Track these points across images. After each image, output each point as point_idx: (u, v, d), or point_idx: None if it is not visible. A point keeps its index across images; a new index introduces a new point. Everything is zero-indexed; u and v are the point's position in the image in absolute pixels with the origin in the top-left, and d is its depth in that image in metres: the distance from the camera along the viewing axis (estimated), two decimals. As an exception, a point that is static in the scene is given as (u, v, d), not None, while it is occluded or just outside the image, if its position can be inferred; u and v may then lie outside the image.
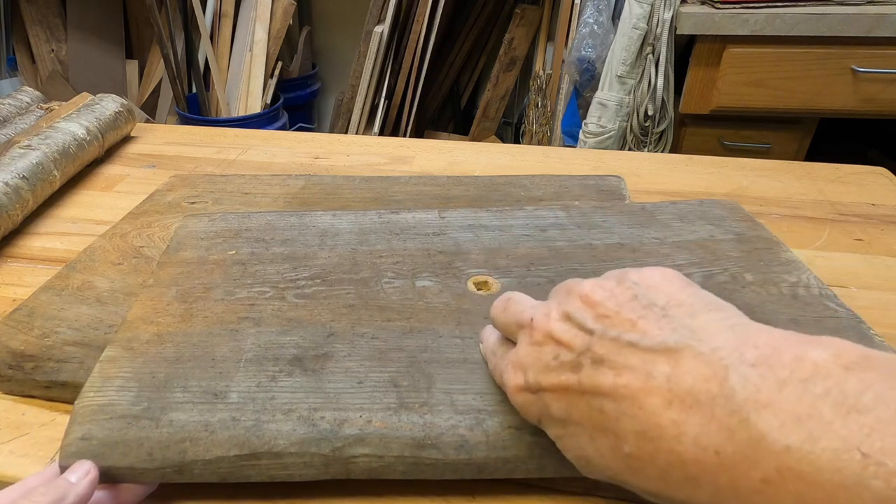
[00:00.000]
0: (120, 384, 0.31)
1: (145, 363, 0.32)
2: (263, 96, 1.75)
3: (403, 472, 0.29)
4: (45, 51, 1.96)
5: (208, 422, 0.29)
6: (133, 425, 0.29)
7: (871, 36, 1.12)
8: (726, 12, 1.15)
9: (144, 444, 0.28)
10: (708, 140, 1.31)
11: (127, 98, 1.59)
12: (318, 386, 0.31)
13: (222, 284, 0.38)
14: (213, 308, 0.36)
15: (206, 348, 0.33)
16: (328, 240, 0.43)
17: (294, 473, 0.29)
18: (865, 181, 0.60)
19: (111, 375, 0.31)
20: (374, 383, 0.31)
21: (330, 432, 0.29)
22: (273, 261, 0.40)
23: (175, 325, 0.35)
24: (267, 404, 0.30)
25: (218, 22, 1.77)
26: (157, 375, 0.31)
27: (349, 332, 0.34)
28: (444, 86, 1.95)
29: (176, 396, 0.30)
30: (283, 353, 0.33)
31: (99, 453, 0.28)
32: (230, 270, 0.39)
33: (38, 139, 0.56)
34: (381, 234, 0.43)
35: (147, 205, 0.53)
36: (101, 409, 0.29)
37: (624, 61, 1.24)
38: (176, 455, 0.28)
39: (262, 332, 0.34)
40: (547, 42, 1.70)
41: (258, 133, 0.74)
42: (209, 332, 0.34)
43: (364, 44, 1.68)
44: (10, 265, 0.49)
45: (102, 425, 0.29)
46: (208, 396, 0.30)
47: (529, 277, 0.39)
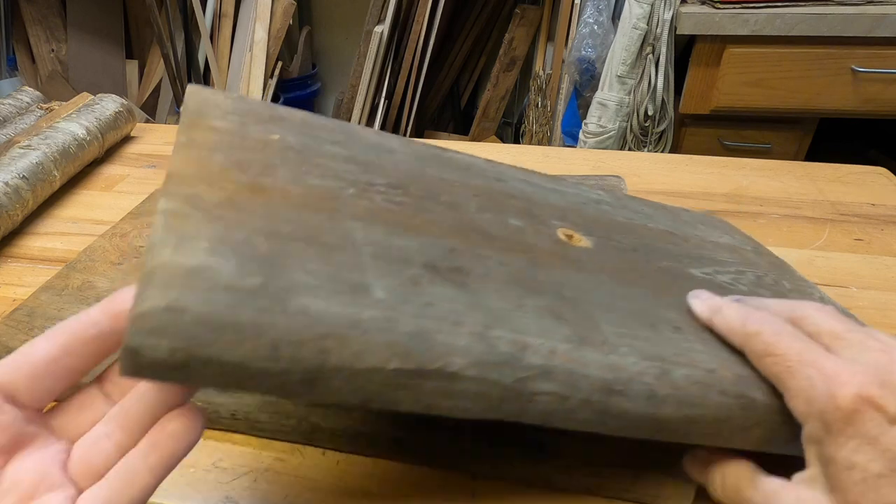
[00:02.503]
0: (208, 246, 0.20)
1: (229, 229, 0.22)
2: (263, 96, 1.75)
3: (583, 422, 0.23)
4: (45, 51, 1.96)
5: (357, 318, 0.20)
6: (248, 304, 0.19)
7: (871, 36, 1.12)
8: (726, 12, 1.15)
9: (267, 332, 0.19)
10: (708, 140, 1.31)
11: (127, 98, 1.59)
12: (476, 301, 0.24)
13: (283, 166, 0.28)
14: (287, 188, 0.26)
15: (308, 230, 0.24)
16: (384, 155, 0.34)
17: (460, 406, 0.22)
18: (865, 181, 0.60)
19: (189, 233, 0.21)
20: (536, 309, 0.25)
21: (511, 358, 0.22)
22: (334, 158, 0.30)
23: (248, 196, 0.24)
24: (427, 311, 0.22)
25: (218, 22, 1.77)
26: (258, 247, 0.21)
27: (470, 251, 0.27)
28: (444, 86, 1.95)
29: (299, 278, 0.21)
30: (410, 257, 0.25)
31: (194, 335, 0.18)
32: (286, 154, 0.29)
33: (38, 139, 0.56)
34: (440, 164, 0.35)
35: (147, 205, 0.53)
36: (193, 272, 0.19)
37: (624, 61, 1.24)
38: (314, 356, 0.19)
39: (369, 229, 0.25)
40: (547, 42, 1.70)
41: (258, 133, 0.74)
42: (300, 213, 0.25)
43: (364, 44, 1.68)
44: (10, 265, 0.49)
45: (201, 295, 0.19)
46: (344, 287, 0.21)
47: (613, 242, 0.35)
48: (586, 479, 0.30)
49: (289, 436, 0.33)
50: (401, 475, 0.31)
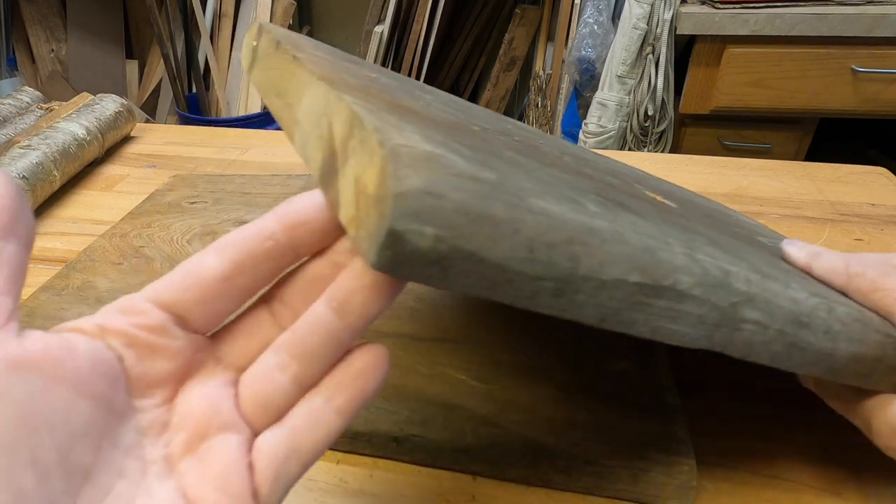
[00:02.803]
0: (424, 133, 0.18)
1: (427, 127, 0.19)
2: (263, 96, 1.75)
3: (775, 355, 0.23)
4: (45, 51, 1.96)
5: (592, 227, 0.18)
6: (496, 197, 0.17)
7: (871, 36, 1.12)
8: (726, 12, 1.15)
9: (522, 230, 0.17)
10: (708, 140, 1.31)
11: (127, 98, 1.59)
12: (661, 228, 0.22)
13: (403, 96, 0.26)
14: (426, 113, 0.24)
15: (486, 147, 0.22)
16: (466, 107, 0.32)
17: (681, 331, 0.21)
18: (865, 181, 0.60)
19: (396, 122, 0.18)
20: (709, 241, 0.24)
21: (723, 281, 0.21)
22: (431, 102, 0.28)
23: (401, 111, 0.21)
24: (638, 226, 0.20)
25: (218, 22, 1.77)
26: (463, 151, 0.18)
27: (611, 190, 0.26)
28: (444, 86, 1.95)
29: (523, 181, 0.19)
30: (581, 185, 0.23)
31: (455, 225, 0.16)
32: (394, 89, 0.27)
33: (38, 139, 0.56)
34: (513, 126, 0.35)
35: (147, 205, 0.53)
36: (432, 157, 0.16)
37: (624, 61, 1.24)
38: (565, 262, 0.17)
39: (527, 159, 0.24)
40: (547, 42, 1.70)
41: (258, 133, 0.74)
42: (461, 133, 0.22)
43: (364, 44, 1.68)
44: (10, 265, 0.49)
45: (452, 182, 0.16)
46: (562, 196, 0.19)
47: (689, 206, 0.36)
48: (586, 479, 0.30)
49: (289, 436, 0.33)
50: (401, 475, 0.31)
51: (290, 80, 0.24)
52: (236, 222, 0.50)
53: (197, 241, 0.47)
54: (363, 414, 0.32)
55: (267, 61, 0.27)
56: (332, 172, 0.18)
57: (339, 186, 0.18)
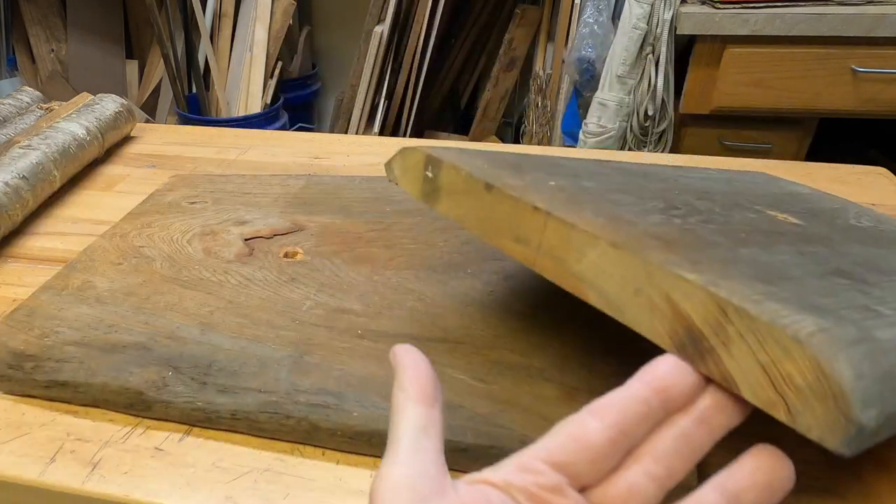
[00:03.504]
0: (788, 299, 0.22)
1: (757, 278, 0.24)
2: (263, 96, 1.75)
3: None
4: (45, 51, 1.96)
5: None
6: (877, 351, 0.21)
7: (871, 36, 1.12)
8: (726, 12, 1.15)
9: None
10: (708, 140, 1.31)
11: (127, 98, 1.59)
12: None
13: (612, 210, 0.30)
14: (652, 229, 0.28)
15: (733, 259, 0.26)
16: (602, 177, 0.36)
17: None
18: (865, 181, 0.60)
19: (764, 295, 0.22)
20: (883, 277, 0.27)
21: None
22: (607, 192, 0.33)
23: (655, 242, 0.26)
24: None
25: (218, 22, 1.77)
26: (816, 303, 0.23)
27: (807, 251, 0.29)
28: (444, 86, 1.95)
29: (850, 314, 0.23)
30: (815, 269, 0.27)
31: (878, 395, 0.19)
32: (587, 197, 0.31)
33: (38, 139, 0.56)
34: (633, 175, 0.38)
35: (147, 205, 0.53)
36: (834, 337, 0.20)
37: (624, 61, 1.24)
38: None
39: (754, 253, 0.27)
40: (547, 42, 1.70)
41: (258, 133, 0.74)
42: (699, 249, 0.26)
43: (364, 44, 1.68)
44: (10, 265, 0.49)
45: (860, 355, 0.20)
46: (857, 310, 0.23)
47: (803, 214, 0.37)
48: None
49: (289, 436, 0.33)
50: (401, 475, 0.31)
51: (527, 225, 0.28)
52: (236, 222, 0.50)
53: (197, 240, 0.47)
54: (363, 414, 0.32)
55: (462, 199, 0.31)
56: (701, 347, 0.22)
57: (727, 365, 0.21)
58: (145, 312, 0.40)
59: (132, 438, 0.34)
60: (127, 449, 0.33)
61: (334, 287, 0.42)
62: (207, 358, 0.36)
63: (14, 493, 0.32)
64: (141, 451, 0.33)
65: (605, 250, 0.25)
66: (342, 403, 0.33)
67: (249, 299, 0.41)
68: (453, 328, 0.38)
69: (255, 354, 0.36)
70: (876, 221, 0.41)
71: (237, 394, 0.34)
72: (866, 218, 0.41)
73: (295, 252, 0.46)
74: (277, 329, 0.38)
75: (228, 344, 0.37)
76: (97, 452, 0.33)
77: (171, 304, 0.40)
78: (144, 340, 0.37)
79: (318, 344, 0.37)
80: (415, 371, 0.23)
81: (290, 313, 0.39)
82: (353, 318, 0.39)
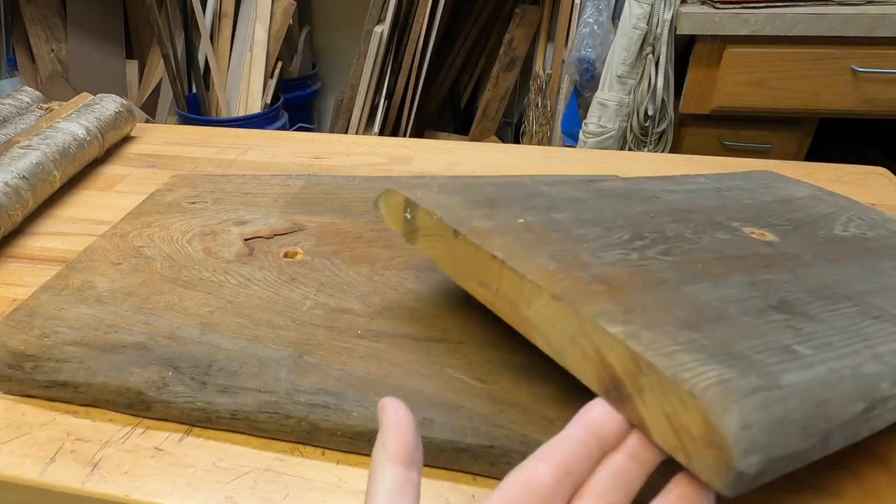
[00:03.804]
0: (699, 350, 0.24)
1: (682, 325, 0.26)
2: (263, 96, 1.75)
3: None
4: (45, 51, 1.96)
5: (824, 378, 0.24)
6: (775, 399, 0.23)
7: (871, 36, 1.12)
8: (726, 12, 1.15)
9: (797, 419, 0.22)
10: (708, 140, 1.31)
11: (127, 98, 1.59)
12: (846, 326, 0.27)
13: (572, 249, 0.32)
14: (603, 270, 0.30)
15: (671, 303, 0.28)
16: (578, 205, 0.38)
17: (877, 426, 0.25)
18: (865, 181, 0.60)
19: (674, 348, 0.24)
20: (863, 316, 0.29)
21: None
22: (574, 226, 0.35)
23: (604, 288, 0.28)
24: (830, 352, 0.25)
25: (218, 22, 1.77)
26: (700, 341, 0.25)
27: (761, 279, 0.31)
28: (444, 86, 1.95)
29: (762, 357, 0.25)
30: (757, 304, 0.28)
31: (771, 442, 0.22)
32: (552, 236, 0.33)
33: (38, 139, 0.56)
34: (612, 198, 0.40)
35: (147, 205, 0.53)
36: (732, 389, 0.22)
37: (624, 61, 1.24)
38: (822, 423, 0.23)
39: (700, 289, 0.29)
40: (547, 42, 1.70)
41: (258, 133, 0.74)
42: (642, 292, 0.28)
43: (364, 44, 1.68)
44: (10, 265, 0.49)
45: (752, 405, 0.22)
46: (774, 353, 0.25)
47: (781, 227, 0.38)
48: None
49: (289, 436, 0.33)
50: (401, 475, 0.31)
51: (487, 270, 0.31)
52: (236, 222, 0.50)
53: (197, 240, 0.47)
54: (363, 414, 0.32)
55: (435, 241, 0.34)
56: (622, 394, 0.24)
57: (641, 411, 0.23)
58: (145, 312, 0.40)
59: (132, 438, 0.34)
60: (127, 449, 0.33)
61: (334, 287, 0.42)
62: (207, 358, 0.36)
63: (14, 493, 0.32)
64: (141, 451, 0.33)
65: (548, 301, 0.27)
66: (342, 403, 0.33)
67: (249, 299, 0.41)
68: (453, 328, 0.38)
69: (255, 354, 0.36)
70: (867, 227, 0.41)
71: (237, 394, 0.34)
72: (856, 224, 0.41)
73: (295, 252, 0.46)
74: (277, 329, 0.38)
75: (228, 344, 0.37)
76: (97, 452, 0.33)
77: (171, 304, 0.40)
78: (144, 340, 0.37)
79: (318, 344, 0.37)
80: (397, 431, 0.24)
81: (290, 313, 0.39)
82: (353, 318, 0.39)
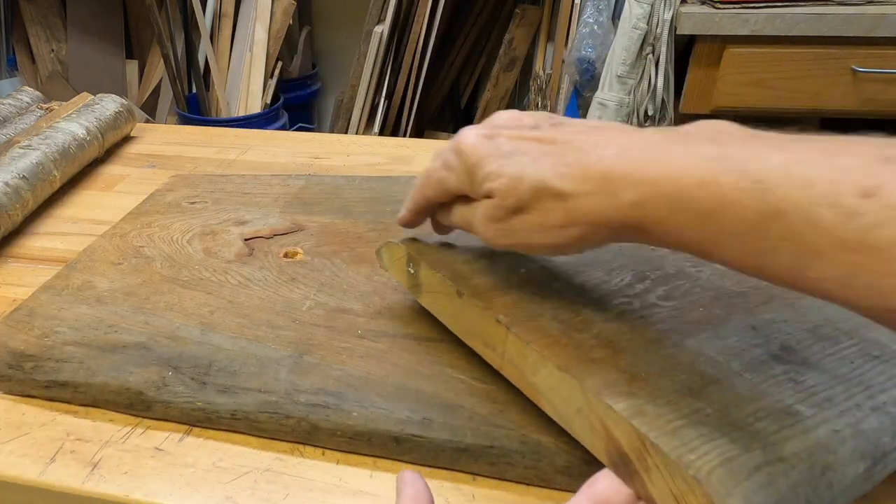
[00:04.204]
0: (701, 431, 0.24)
1: (684, 408, 0.25)
2: (263, 96, 1.75)
3: None
4: (45, 51, 1.96)
5: (825, 442, 0.24)
6: (775, 475, 0.23)
7: (871, 36, 1.12)
8: (726, 12, 1.15)
9: (801, 492, 0.23)
10: (708, 140, 1.31)
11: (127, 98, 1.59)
12: (847, 374, 0.28)
13: (574, 304, 0.32)
14: (606, 328, 0.30)
15: (673, 364, 0.28)
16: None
17: (879, 479, 0.26)
18: (865, 181, 0.60)
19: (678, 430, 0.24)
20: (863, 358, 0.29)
21: None
22: (575, 272, 0.35)
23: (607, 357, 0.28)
24: (830, 409, 0.26)
25: (218, 22, 1.77)
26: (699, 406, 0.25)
27: (762, 320, 0.31)
28: (444, 86, 1.95)
29: (748, 418, 0.25)
30: (759, 353, 0.29)
31: None
32: (554, 288, 0.33)
33: (38, 139, 0.56)
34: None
35: (147, 205, 0.53)
36: (736, 471, 0.23)
37: (624, 61, 1.24)
38: (825, 491, 0.24)
39: (701, 340, 0.30)
40: (547, 42, 1.70)
41: (258, 133, 0.74)
42: (645, 352, 0.29)
43: (364, 44, 1.68)
44: (10, 265, 0.49)
45: (756, 485, 0.23)
46: (776, 417, 0.25)
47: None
48: (586, 478, 0.30)
49: (289, 436, 0.33)
50: (401, 475, 0.31)
51: (493, 334, 0.31)
52: (236, 222, 0.50)
53: (197, 240, 0.47)
54: (363, 414, 0.32)
55: (439, 297, 0.34)
56: (629, 469, 0.25)
57: (650, 489, 0.24)
58: (145, 312, 0.40)
59: (132, 438, 0.34)
60: (127, 449, 0.33)
61: (334, 287, 0.42)
62: (207, 358, 0.36)
63: (14, 493, 0.32)
64: (141, 451, 0.33)
65: (552, 371, 0.28)
66: (342, 403, 0.33)
67: (249, 299, 0.41)
68: (453, 328, 0.38)
69: (254, 354, 0.36)
70: None
71: (237, 394, 0.34)
72: None
73: (295, 252, 0.46)
74: (277, 329, 0.38)
75: (228, 344, 0.37)
76: (97, 452, 0.33)
77: (171, 304, 0.40)
78: (144, 340, 0.37)
79: (318, 344, 0.37)
80: (415, 502, 0.24)
81: (289, 313, 0.39)
82: (353, 318, 0.39)
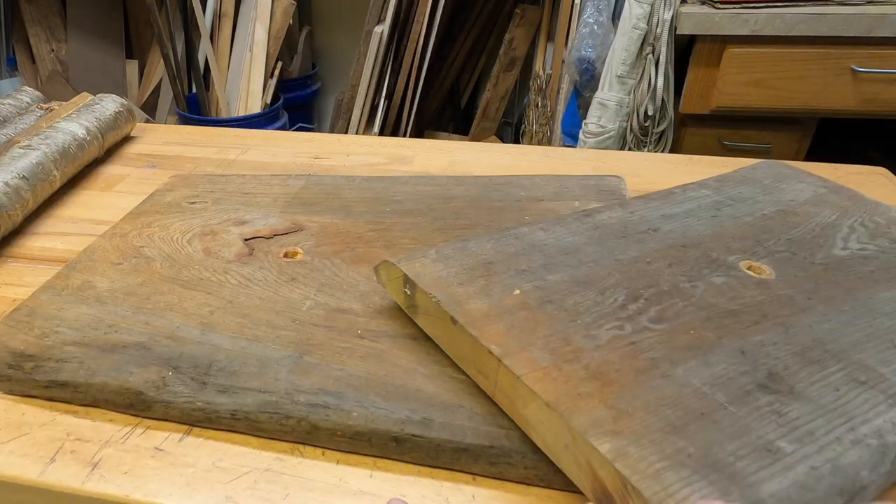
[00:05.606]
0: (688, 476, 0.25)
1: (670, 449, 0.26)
2: (263, 96, 1.75)
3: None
4: (45, 51, 1.96)
5: (803, 481, 0.25)
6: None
7: (871, 36, 1.12)
8: (726, 12, 1.15)
9: None
10: (708, 140, 1.31)
11: (127, 98, 1.59)
12: (830, 403, 0.28)
13: (565, 330, 0.32)
14: (596, 357, 0.31)
15: (660, 399, 0.28)
16: (573, 258, 0.38)
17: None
18: (865, 181, 0.60)
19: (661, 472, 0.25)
20: (849, 384, 0.29)
21: (887, 448, 0.27)
22: (569, 292, 0.35)
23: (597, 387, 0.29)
24: (811, 444, 0.26)
25: (218, 22, 1.77)
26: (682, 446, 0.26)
27: (752, 343, 0.32)
28: (444, 86, 1.95)
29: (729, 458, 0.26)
30: (745, 382, 0.29)
31: None
32: (547, 311, 0.34)
33: (38, 139, 0.56)
34: (609, 241, 0.40)
35: (147, 205, 0.53)
36: None
37: (624, 61, 1.24)
38: None
39: (689, 369, 0.30)
40: (547, 42, 1.70)
41: (258, 133, 0.74)
42: (633, 385, 0.29)
43: (364, 44, 1.68)
44: (10, 265, 0.49)
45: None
46: (756, 456, 0.26)
47: (778, 256, 0.39)
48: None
49: (289, 436, 0.33)
50: (401, 475, 0.31)
51: (486, 363, 0.31)
52: (236, 222, 0.50)
53: (197, 240, 0.47)
54: (363, 414, 0.32)
55: (435, 321, 0.35)
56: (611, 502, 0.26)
57: None
58: (145, 312, 0.40)
59: (132, 438, 0.34)
60: (127, 449, 0.33)
61: (334, 287, 0.42)
62: (207, 358, 0.36)
63: (14, 493, 0.32)
64: (141, 451, 0.33)
65: (542, 406, 0.28)
66: (342, 403, 0.33)
67: (249, 299, 0.41)
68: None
69: (254, 354, 0.36)
70: (868, 237, 0.41)
71: (237, 394, 0.34)
72: (858, 235, 0.41)
73: (295, 252, 0.46)
74: (277, 329, 0.38)
75: (228, 344, 0.37)
76: (97, 452, 0.33)
77: (171, 304, 0.40)
78: (144, 340, 0.37)
79: (318, 344, 0.37)
80: None
81: (289, 313, 0.39)
82: (353, 318, 0.39)
